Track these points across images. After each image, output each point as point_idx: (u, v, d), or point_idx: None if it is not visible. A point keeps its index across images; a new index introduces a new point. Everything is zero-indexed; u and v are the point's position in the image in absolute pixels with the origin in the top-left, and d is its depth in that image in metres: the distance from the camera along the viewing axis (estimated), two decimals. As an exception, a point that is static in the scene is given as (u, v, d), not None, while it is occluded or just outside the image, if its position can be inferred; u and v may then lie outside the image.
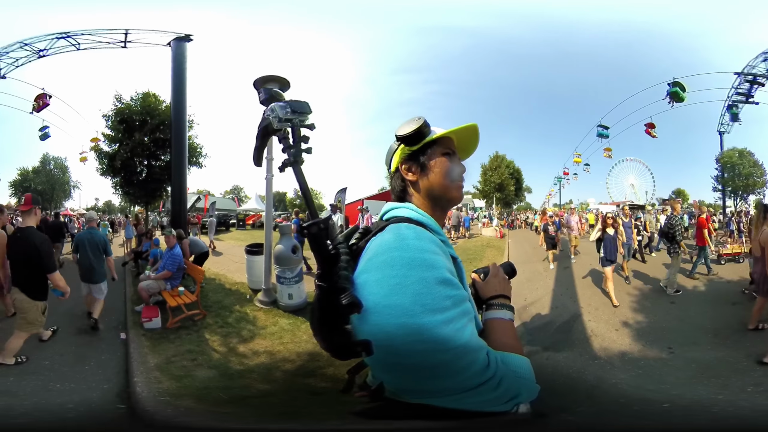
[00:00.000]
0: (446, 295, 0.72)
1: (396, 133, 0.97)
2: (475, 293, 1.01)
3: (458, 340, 0.70)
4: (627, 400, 3.21)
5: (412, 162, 0.97)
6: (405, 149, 0.97)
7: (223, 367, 3.92)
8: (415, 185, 0.97)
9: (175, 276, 5.70)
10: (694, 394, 3.30)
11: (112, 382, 3.62)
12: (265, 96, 1.10)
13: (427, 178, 0.96)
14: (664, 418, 1.29)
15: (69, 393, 3.34)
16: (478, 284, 1.02)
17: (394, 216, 0.93)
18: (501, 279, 1.03)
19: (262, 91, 1.11)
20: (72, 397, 3.27)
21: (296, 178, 1.03)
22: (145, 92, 13.23)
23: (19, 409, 2.82)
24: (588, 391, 3.58)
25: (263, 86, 6.22)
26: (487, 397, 0.75)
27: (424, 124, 0.94)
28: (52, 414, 2.48)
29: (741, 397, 3.15)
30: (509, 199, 25.19)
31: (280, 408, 3.12)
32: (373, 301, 0.72)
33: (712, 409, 2.69)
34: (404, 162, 0.97)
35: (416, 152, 0.96)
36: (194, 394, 3.41)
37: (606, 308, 5.92)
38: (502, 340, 0.86)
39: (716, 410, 2.69)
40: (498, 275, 1.03)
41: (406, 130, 0.94)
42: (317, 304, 0.88)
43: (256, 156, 1.16)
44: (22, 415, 2.36)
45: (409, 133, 0.94)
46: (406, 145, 0.97)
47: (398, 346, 0.69)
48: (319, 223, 0.85)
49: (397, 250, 0.76)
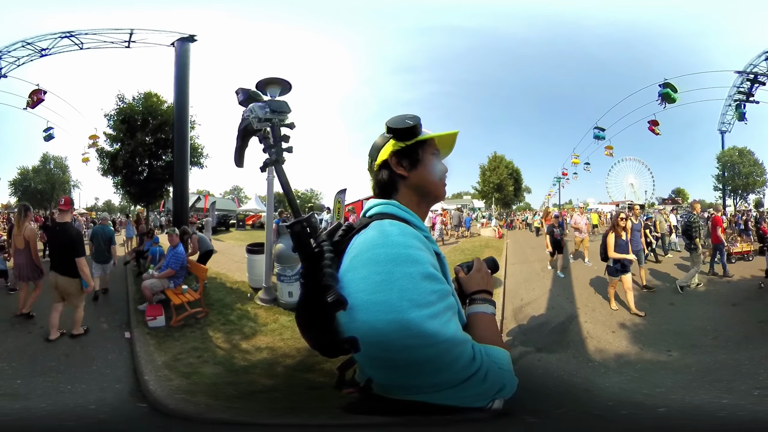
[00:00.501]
0: (431, 290, 0.73)
1: (388, 124, 0.96)
2: (459, 287, 1.03)
3: (444, 334, 0.71)
4: (616, 404, 3.07)
5: (402, 157, 0.96)
6: (396, 144, 0.97)
7: (228, 363, 3.98)
8: (405, 180, 0.97)
9: (178, 274, 5.77)
10: (693, 398, 3.19)
11: (123, 382, 3.63)
12: (243, 97, 1.13)
13: (418, 175, 0.96)
14: (657, 423, 1.29)
15: (83, 394, 3.32)
16: (462, 278, 1.04)
17: (377, 212, 0.92)
18: (484, 274, 1.04)
19: (240, 92, 1.14)
20: (87, 397, 3.26)
21: (278, 177, 1.06)
22: (147, 92, 13.35)
23: (38, 412, 2.78)
24: (576, 394, 3.49)
25: (266, 88, 6.32)
26: (476, 391, 0.77)
27: (418, 122, 0.95)
28: (74, 415, 2.47)
29: (749, 401, 3.05)
30: (508, 199, 25.23)
31: (284, 402, 3.17)
32: (361, 299, 0.72)
33: (718, 414, 2.63)
34: (395, 156, 0.97)
35: (407, 149, 0.97)
36: (206, 390, 3.43)
37: (603, 309, 5.80)
38: (484, 334, 0.88)
39: (723, 414, 2.60)
40: (481, 270, 1.04)
41: (401, 125, 0.95)
42: (302, 303, 0.89)
43: (237, 157, 1.18)
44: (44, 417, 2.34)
45: (404, 128, 0.94)
46: (397, 139, 0.96)
47: (388, 341, 0.70)
48: (301, 222, 0.87)
49: (381, 247, 0.76)
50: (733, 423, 1.23)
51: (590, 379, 3.77)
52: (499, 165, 24.32)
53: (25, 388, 3.36)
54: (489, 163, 24.60)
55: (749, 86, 16.02)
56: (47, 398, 3.19)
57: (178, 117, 9.79)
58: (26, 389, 3.34)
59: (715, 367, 3.80)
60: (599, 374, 3.90)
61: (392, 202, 0.94)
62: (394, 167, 0.96)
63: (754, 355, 3.91)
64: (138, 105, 13.35)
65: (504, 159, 24.69)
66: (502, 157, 24.75)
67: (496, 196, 24.28)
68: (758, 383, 3.40)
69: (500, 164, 24.36)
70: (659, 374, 3.82)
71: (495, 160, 24.51)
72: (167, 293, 5.47)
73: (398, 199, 0.96)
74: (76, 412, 2.75)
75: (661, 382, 3.62)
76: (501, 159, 24.60)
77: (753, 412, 2.60)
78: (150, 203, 15.03)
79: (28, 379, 3.52)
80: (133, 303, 5.94)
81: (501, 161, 24.50)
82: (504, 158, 24.72)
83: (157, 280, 5.58)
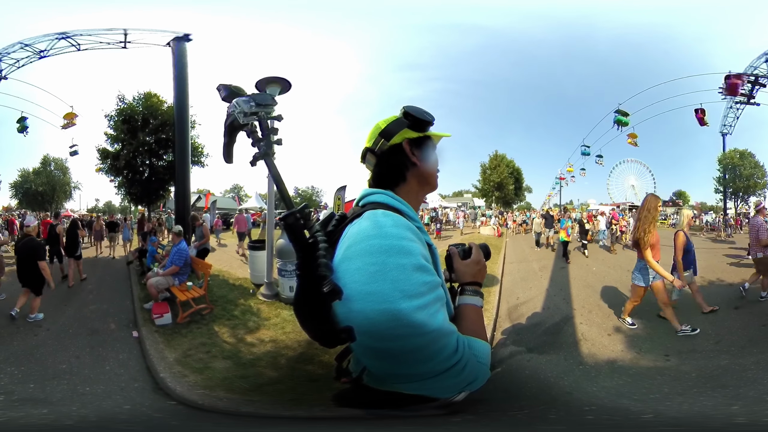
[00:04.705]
0: (423, 281, 0.75)
1: (408, 110, 0.98)
2: (449, 268, 1.05)
3: (432, 324, 0.73)
4: (595, 409, 2.85)
5: (416, 146, 0.99)
6: (410, 132, 0.99)
7: (236, 357, 4.03)
8: (415, 169, 0.99)
9: (183, 271, 5.84)
10: (694, 404, 3.03)
11: (141, 381, 3.62)
12: (226, 93, 1.13)
13: (425, 165, 1.00)
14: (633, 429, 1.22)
15: (105, 395, 3.29)
16: (457, 264, 1.04)
17: (369, 201, 0.93)
18: (482, 267, 1.05)
19: (222, 89, 1.13)
20: (114, 398, 3.19)
21: (269, 170, 1.05)
22: (148, 92, 13.38)
23: (73, 417, 2.67)
24: (555, 396, 3.33)
25: (265, 87, 6.36)
26: (452, 381, 0.79)
27: (433, 119, 0.99)
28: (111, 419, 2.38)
29: (765, 407, 2.88)
30: (509, 198, 25.26)
31: (289, 394, 3.22)
32: (355, 289, 0.73)
33: (734, 420, 2.34)
34: (410, 144, 0.99)
35: (420, 139, 1.00)
36: (221, 385, 3.44)
37: (599, 311, 5.62)
38: (470, 326, 0.90)
39: (741, 421, 2.28)
40: (480, 263, 1.05)
41: (422, 115, 0.98)
42: (299, 294, 0.90)
43: (226, 153, 1.18)
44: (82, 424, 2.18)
45: (424, 119, 0.98)
46: (413, 128, 0.99)
47: (380, 331, 0.71)
48: (295, 213, 0.87)
49: (375, 238, 0.77)
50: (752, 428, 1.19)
51: (577, 383, 3.63)
52: (500, 164, 24.34)
53: (41, 392, 3.27)
54: (490, 162, 24.61)
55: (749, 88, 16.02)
56: (71, 401, 3.10)
57: (179, 116, 9.83)
58: (43, 393, 3.24)
59: (717, 372, 3.62)
60: (588, 378, 3.75)
61: (386, 192, 0.95)
62: (409, 154, 0.98)
63: (760, 359, 3.72)
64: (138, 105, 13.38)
65: (505, 158, 24.72)
66: (503, 156, 24.78)
67: (497, 195, 24.31)
68: (767, 389, 3.20)
69: (501, 163, 24.38)
70: (655, 380, 3.67)
71: (496, 159, 24.53)
72: (172, 290, 5.55)
73: (404, 186, 0.98)
74: (114, 413, 2.68)
75: (657, 388, 3.45)
76: (502, 158, 24.60)
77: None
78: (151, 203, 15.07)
79: (41, 383, 3.45)
80: (138, 302, 6.01)
81: (502, 160, 24.50)
82: (505, 157, 24.75)
83: (162, 278, 5.65)
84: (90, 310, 5.46)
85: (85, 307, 5.90)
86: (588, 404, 3.11)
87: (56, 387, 3.38)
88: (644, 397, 3.26)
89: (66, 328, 4.88)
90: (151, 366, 3.88)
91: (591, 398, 3.28)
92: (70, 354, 4.14)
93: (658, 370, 3.87)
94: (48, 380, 3.50)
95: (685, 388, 3.39)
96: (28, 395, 3.21)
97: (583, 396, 3.34)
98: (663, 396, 3.26)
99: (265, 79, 6.42)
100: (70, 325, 4.58)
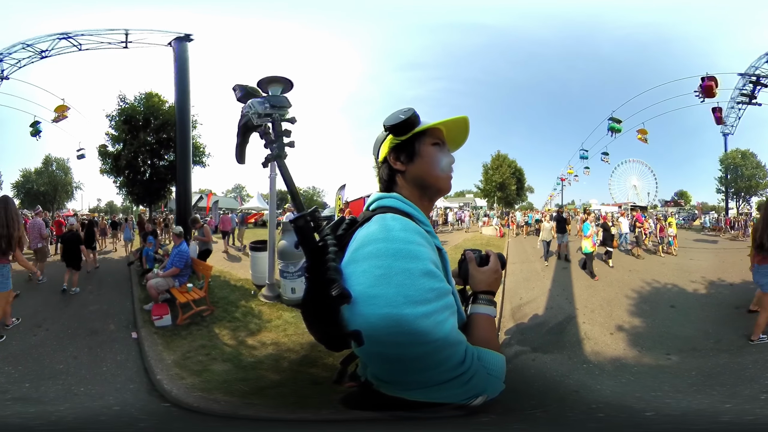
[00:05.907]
0: (429, 287, 0.72)
1: (384, 123, 0.96)
2: (464, 272, 1.02)
3: (438, 333, 0.71)
4: (600, 407, 2.87)
5: (399, 152, 0.96)
6: (393, 139, 0.96)
7: (236, 360, 4.01)
8: (403, 175, 0.96)
9: (183, 273, 5.81)
10: (692, 402, 3.11)
11: (137, 382, 3.60)
12: (241, 93, 1.12)
13: (416, 168, 0.95)
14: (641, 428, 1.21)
15: (99, 396, 3.27)
16: (473, 270, 1.01)
17: (380, 206, 0.91)
18: (498, 276, 1.01)
19: (238, 89, 1.13)
20: (106, 399, 3.20)
21: (280, 172, 1.05)
22: (149, 92, 13.37)
23: (56, 414, 2.68)
24: (564, 395, 3.36)
25: (267, 87, 6.33)
26: (454, 392, 0.77)
27: (413, 114, 0.93)
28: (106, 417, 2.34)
29: (756, 405, 2.97)
30: (510, 198, 25.21)
31: (292, 398, 3.18)
32: (360, 291, 0.72)
33: (720, 418, 2.36)
34: (392, 152, 0.96)
35: (405, 142, 0.96)
36: (219, 387, 3.43)
37: (602, 311, 5.67)
38: (483, 336, 0.88)
39: (727, 419, 2.31)
40: (498, 272, 1.01)
41: (395, 121, 0.93)
42: (308, 297, 0.90)
43: (238, 153, 1.17)
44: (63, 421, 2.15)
45: (397, 123, 0.93)
46: (394, 135, 0.96)
47: (381, 336, 0.70)
48: (305, 216, 0.88)
49: (382, 242, 0.76)
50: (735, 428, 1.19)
51: (582, 381, 3.70)
52: (503, 164, 24.28)
53: (35, 391, 3.29)
54: (492, 162, 24.55)
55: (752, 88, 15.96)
56: (63, 401, 3.11)
57: (180, 116, 9.82)
58: (37, 393, 3.27)
59: (716, 371, 3.70)
60: (593, 376, 3.82)
61: (395, 195, 0.93)
62: (392, 163, 0.96)
63: (758, 358, 3.80)
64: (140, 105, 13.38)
65: (507, 158, 24.66)
66: (506, 156, 24.72)
67: (499, 195, 24.25)
68: (764, 387, 3.29)
69: (503, 163, 24.32)
70: (657, 378, 3.74)
71: (498, 159, 24.47)
72: (173, 292, 5.52)
73: (399, 193, 0.95)
74: (103, 413, 2.68)
75: (658, 386, 3.52)
76: (504, 158, 24.54)
77: (763, 416, 2.52)
78: (153, 203, 15.07)
79: (37, 382, 3.46)
80: (138, 303, 5.99)
81: (504, 160, 24.45)
82: (507, 157, 24.69)
83: (162, 279, 5.62)
84: (90, 311, 5.43)
85: (85, 307, 5.89)
86: (595, 402, 3.19)
87: (51, 387, 3.39)
88: (647, 395, 3.32)
89: (65, 329, 4.87)
90: (149, 367, 3.86)
91: (597, 397, 3.36)
92: (68, 354, 4.14)
93: (660, 368, 3.94)
94: (44, 380, 3.52)
95: (685, 386, 3.47)
96: (21, 394, 3.23)
97: (589, 394, 3.42)
98: (664, 393, 3.33)
99: (267, 79, 6.39)
100: (69, 326, 4.58)
